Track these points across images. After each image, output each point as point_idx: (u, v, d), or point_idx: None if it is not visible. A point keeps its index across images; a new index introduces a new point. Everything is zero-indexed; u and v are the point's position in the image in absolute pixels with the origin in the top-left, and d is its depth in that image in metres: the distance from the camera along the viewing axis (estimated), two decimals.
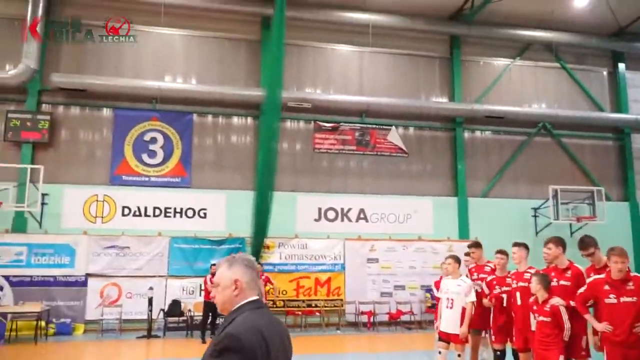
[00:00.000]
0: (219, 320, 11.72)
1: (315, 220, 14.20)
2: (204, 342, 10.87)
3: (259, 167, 12.97)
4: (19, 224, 12.54)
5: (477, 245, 7.46)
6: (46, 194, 12.51)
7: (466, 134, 15.66)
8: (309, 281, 13.54)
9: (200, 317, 11.49)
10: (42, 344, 10.70)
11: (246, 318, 2.06)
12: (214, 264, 11.54)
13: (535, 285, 5.29)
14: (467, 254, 7.66)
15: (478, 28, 15.50)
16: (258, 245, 12.94)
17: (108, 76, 13.58)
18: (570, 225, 14.90)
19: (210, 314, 11.07)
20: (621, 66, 16.95)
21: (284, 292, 13.20)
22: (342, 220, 14.35)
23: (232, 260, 2.25)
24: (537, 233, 14.94)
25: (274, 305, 12.94)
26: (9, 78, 12.73)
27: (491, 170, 15.69)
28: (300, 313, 13.01)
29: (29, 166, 12.22)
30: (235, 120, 14.52)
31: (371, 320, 13.05)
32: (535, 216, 15.30)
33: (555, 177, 15.45)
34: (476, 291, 7.16)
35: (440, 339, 6.66)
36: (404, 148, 15.20)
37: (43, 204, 12.45)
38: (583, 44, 16.36)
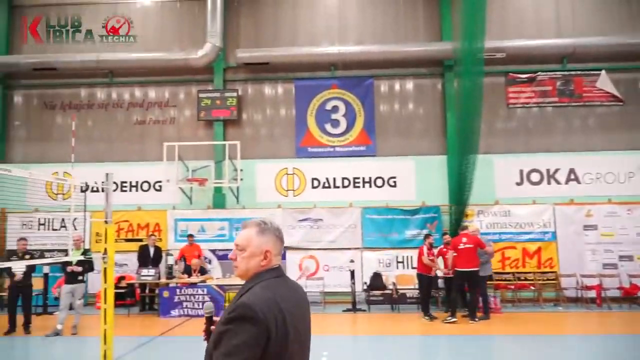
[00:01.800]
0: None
1: (517, 184, 12.68)
2: (428, 317, 10.09)
3: (457, 128, 11.85)
4: (219, 200, 12.88)
5: None
6: (241, 170, 12.66)
7: None
8: (515, 252, 12.18)
9: (405, 290, 10.83)
10: None
11: (264, 288, 1.95)
12: (429, 234, 10.72)
13: None
14: None
15: None
16: (459, 213, 11.88)
17: (285, 46, 13.32)
18: None
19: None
20: None
21: None
22: (549, 182, 12.64)
23: (264, 227, 2.08)
24: None
25: None
26: (198, 59, 12.94)
27: None
28: (512, 287, 11.74)
29: (227, 142, 12.40)
30: (418, 80, 13.43)
31: (601, 295, 11.30)
32: None
33: None
34: None
35: None
36: (618, 95, 12.90)
37: (240, 179, 12.59)
38: None
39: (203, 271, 11.62)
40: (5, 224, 13.11)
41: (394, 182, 12.90)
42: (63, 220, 12.99)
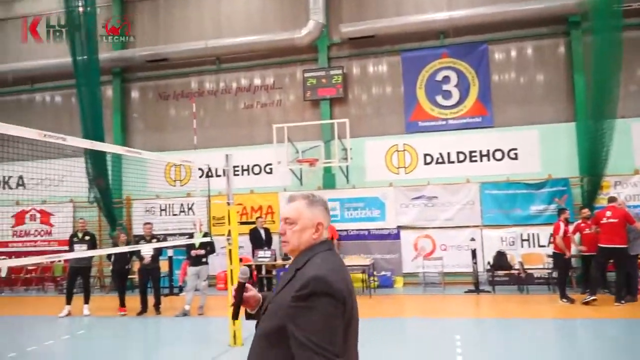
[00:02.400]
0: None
1: None
2: (567, 299, 9.21)
3: (590, 91, 10.65)
4: (329, 180, 12.70)
5: None
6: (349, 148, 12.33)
7: None
8: None
9: (533, 270, 9.95)
10: (375, 297, 10.56)
11: (325, 260, 1.84)
12: (563, 209, 9.73)
13: None
14: None
15: None
16: (593, 185, 10.70)
17: (390, 17, 12.70)
18: None
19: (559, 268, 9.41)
20: None
21: None
22: None
23: (312, 199, 1.98)
24: None
25: None
26: (302, 37, 12.75)
27: None
28: None
29: (336, 121, 12.10)
30: (538, 41, 12.22)
31: None
32: None
33: None
34: None
35: None
36: None
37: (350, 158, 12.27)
38: None
39: None
40: (131, 210, 13.93)
41: (515, 154, 11.90)
42: (182, 205, 13.54)
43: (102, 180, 12.52)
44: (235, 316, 2.11)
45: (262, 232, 12.09)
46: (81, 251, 9.71)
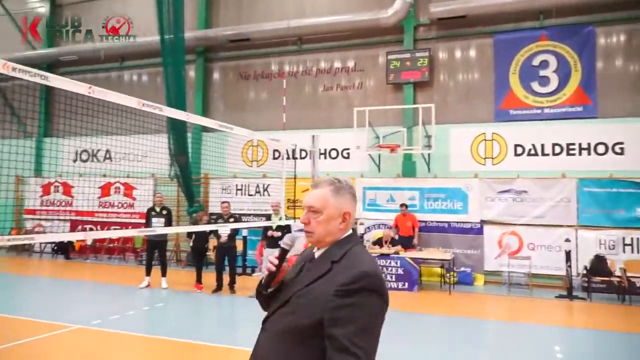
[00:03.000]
0: None
1: None
2: None
3: None
4: (408, 168, 12.14)
5: None
6: (433, 135, 11.69)
7: None
8: None
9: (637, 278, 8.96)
10: (455, 294, 9.99)
11: (365, 253, 1.77)
12: None
13: None
14: None
15: None
16: None
17: None
18: None
19: None
20: None
21: None
22: None
23: (339, 186, 1.83)
24: None
25: None
26: (388, 17, 12.20)
27: None
28: None
29: (420, 106, 11.48)
30: None
31: None
32: None
33: None
34: None
35: None
36: None
37: (432, 146, 11.64)
38: None
39: (395, 242, 11.05)
40: (209, 188, 14.07)
41: (621, 148, 10.77)
42: (257, 186, 13.49)
43: (183, 157, 12.67)
44: (267, 286, 1.85)
45: None
46: (159, 225, 9.90)
